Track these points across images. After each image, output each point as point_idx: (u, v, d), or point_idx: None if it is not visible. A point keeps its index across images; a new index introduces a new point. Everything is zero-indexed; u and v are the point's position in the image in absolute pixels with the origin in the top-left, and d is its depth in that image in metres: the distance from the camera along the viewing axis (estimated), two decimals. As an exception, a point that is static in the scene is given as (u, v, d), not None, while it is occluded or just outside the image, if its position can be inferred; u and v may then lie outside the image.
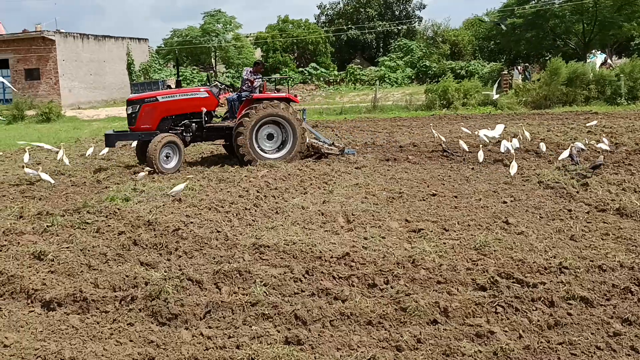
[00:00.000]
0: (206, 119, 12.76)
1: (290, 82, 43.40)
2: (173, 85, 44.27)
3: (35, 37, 40.35)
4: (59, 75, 39.81)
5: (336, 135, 18.03)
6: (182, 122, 12.62)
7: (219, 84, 13.63)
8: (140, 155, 12.77)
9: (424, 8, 71.84)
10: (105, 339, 4.36)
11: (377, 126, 20.65)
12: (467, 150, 12.90)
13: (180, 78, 17.98)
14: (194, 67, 49.11)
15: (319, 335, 4.25)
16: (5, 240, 7.05)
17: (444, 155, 13.00)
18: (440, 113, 25.26)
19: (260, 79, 13.18)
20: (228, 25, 45.96)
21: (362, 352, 4.02)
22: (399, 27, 52.91)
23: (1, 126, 29.12)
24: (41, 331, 4.58)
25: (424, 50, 44.24)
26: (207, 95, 12.80)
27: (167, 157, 11.95)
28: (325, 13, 57.15)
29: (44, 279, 5.60)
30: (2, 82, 30.67)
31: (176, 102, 12.51)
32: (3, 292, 5.47)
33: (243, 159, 12.36)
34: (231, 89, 14.13)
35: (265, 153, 12.53)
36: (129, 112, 12.44)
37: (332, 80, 43.89)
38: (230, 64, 47.43)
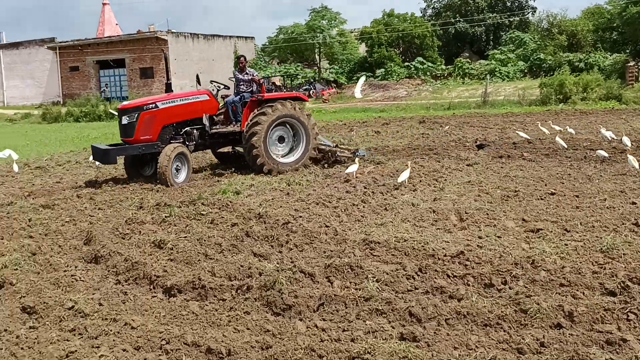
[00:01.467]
0: (207, 124, 11.77)
1: (395, 76, 43.26)
2: (278, 83, 45.58)
3: (150, 37, 43.01)
4: (170, 73, 42.10)
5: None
6: (184, 130, 11.57)
7: (216, 85, 12.54)
8: (130, 170, 11.56)
9: (538, -3, 68.78)
10: (224, 325, 4.58)
11: (487, 122, 20.07)
12: (566, 147, 12.72)
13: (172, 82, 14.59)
14: (298, 63, 50.10)
15: (434, 333, 4.21)
16: (128, 229, 7.61)
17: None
18: (557, 108, 24.09)
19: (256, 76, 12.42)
20: (333, 21, 46.41)
21: (481, 352, 3.93)
22: (511, 19, 50.97)
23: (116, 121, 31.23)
24: (164, 315, 4.89)
25: (538, 43, 42.32)
26: (208, 97, 11.87)
27: (177, 170, 10.85)
28: (432, 6, 56.26)
29: (164, 266, 5.98)
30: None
31: (177, 107, 11.33)
32: (128, 278, 5.90)
33: (258, 168, 11.43)
34: (227, 89, 12.87)
35: (278, 158, 11.73)
36: (125, 122, 10.98)
37: (439, 75, 43.15)
38: (335, 59, 47.91)
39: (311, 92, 40.28)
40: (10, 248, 6.67)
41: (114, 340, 4.34)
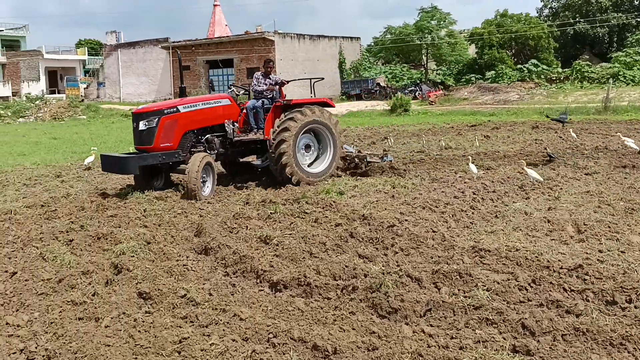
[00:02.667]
0: (230, 130, 10.81)
1: (507, 79, 41.87)
2: (382, 84, 45.66)
3: (257, 38, 44.41)
4: (276, 73, 43.28)
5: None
6: (205, 137, 10.69)
7: (235, 89, 11.82)
8: (141, 181, 10.26)
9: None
10: (330, 324, 4.66)
11: (609, 129, 18.93)
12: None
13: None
14: (404, 64, 49.80)
15: (550, 348, 4.05)
16: (236, 224, 7.91)
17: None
18: (691, 116, 22.29)
19: (277, 81, 11.43)
20: (443, 22, 45.73)
21: (602, 373, 3.74)
22: (639, 19, 47.79)
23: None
24: (271, 309, 5.05)
25: (669, 44, 39.45)
26: (230, 103, 10.97)
27: (202, 181, 9.81)
28: (549, 6, 54.06)
29: (270, 262, 6.16)
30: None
31: (199, 112, 10.42)
32: (236, 270, 6.14)
33: (286, 178, 10.61)
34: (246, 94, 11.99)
35: (305, 168, 10.97)
36: (142, 127, 9.93)
37: (554, 78, 41.30)
38: (442, 60, 47.17)
39: (417, 93, 39.91)
40: (127, 236, 7.15)
41: (223, 330, 4.54)
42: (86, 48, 70.04)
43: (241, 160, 11.82)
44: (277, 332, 4.40)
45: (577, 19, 48.44)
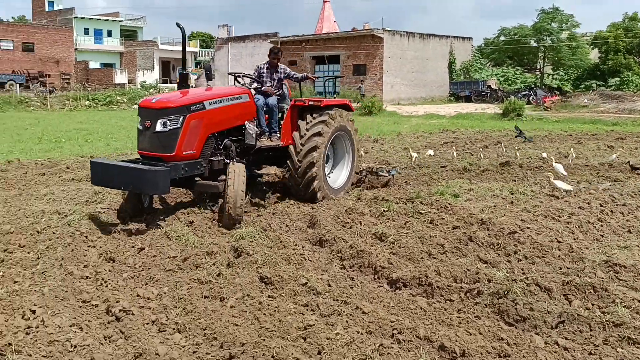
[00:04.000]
0: (253, 134, 8.55)
1: (632, 87, 39.39)
2: (494, 86, 44.40)
3: (366, 35, 44.52)
4: (383, 71, 43.23)
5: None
6: (223, 143, 8.41)
7: (243, 80, 9.34)
8: (133, 200, 8.09)
9: None
10: (455, 326, 4.58)
11: None
12: None
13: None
14: (517, 67, 48.16)
15: None
16: (349, 219, 7.97)
17: None
18: None
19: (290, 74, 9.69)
20: (564, 24, 43.74)
21: None
22: None
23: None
24: (392, 306, 5.04)
25: None
26: (249, 99, 8.67)
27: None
28: (687, 8, 50.19)
29: (389, 259, 6.16)
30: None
31: (223, 110, 8.18)
32: (352, 264, 6.19)
33: (310, 194, 8.90)
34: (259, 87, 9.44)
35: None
36: (160, 128, 7.41)
37: (692, 88, 38.41)
38: (560, 65, 45.14)
39: (531, 98, 38.45)
40: (246, 222, 7.40)
41: (346, 322, 4.58)
42: (198, 40, 73.20)
43: (258, 172, 9.17)
44: (401, 328, 4.39)
45: None
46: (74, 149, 16.83)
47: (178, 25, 7.69)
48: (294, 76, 9.77)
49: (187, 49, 62.87)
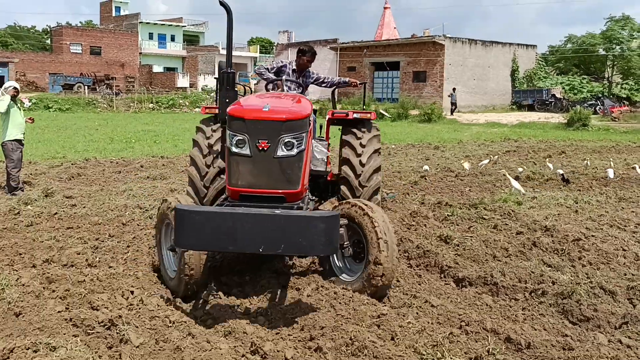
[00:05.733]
0: (321, 160, 6.60)
1: None
2: (559, 95, 43.66)
3: (426, 42, 44.57)
4: (443, 78, 43.18)
5: None
6: None
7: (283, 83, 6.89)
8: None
9: None
10: (520, 322, 4.89)
11: None
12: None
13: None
14: (584, 76, 47.20)
15: None
16: (414, 221, 8.32)
17: None
18: None
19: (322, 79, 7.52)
20: (635, 33, 42.66)
21: None
22: None
23: (387, 122, 33.13)
24: (459, 302, 5.38)
25: None
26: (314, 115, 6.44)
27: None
28: None
29: (454, 259, 6.49)
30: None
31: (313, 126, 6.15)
32: (419, 263, 6.55)
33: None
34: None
35: None
36: (283, 152, 5.14)
37: None
38: (630, 74, 44.00)
39: (597, 108, 37.69)
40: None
41: (417, 313, 4.96)
42: (258, 46, 74.72)
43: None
44: (469, 321, 4.72)
45: None
46: (144, 150, 17.77)
47: (222, 3, 5.52)
48: (329, 80, 7.52)
49: (247, 54, 63.94)
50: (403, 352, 4.16)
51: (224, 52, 53.51)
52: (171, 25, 72.06)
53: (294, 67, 7.21)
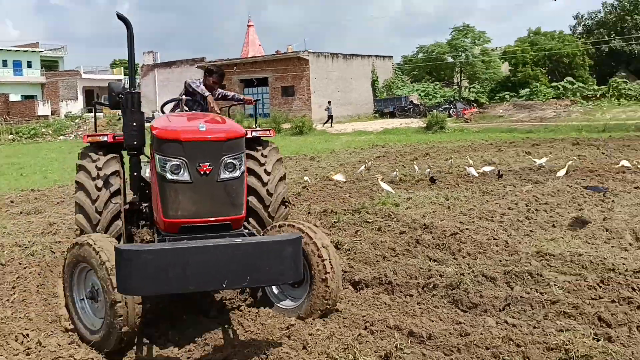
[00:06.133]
0: None
1: (541, 96, 42.02)
2: (416, 102, 46.17)
3: (292, 57, 45.35)
4: (310, 92, 44.13)
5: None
6: None
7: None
8: None
9: None
10: (418, 315, 5.14)
11: (651, 146, 19.10)
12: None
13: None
14: (436, 82, 50.26)
15: (629, 336, 4.46)
16: (303, 231, 8.44)
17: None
18: None
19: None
20: (477, 40, 46.20)
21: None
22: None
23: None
24: (360, 304, 5.56)
25: None
26: None
27: None
28: (583, 23, 54.07)
29: (348, 264, 6.69)
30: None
31: None
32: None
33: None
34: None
35: None
36: (226, 175, 4.81)
37: (590, 96, 41.36)
38: (475, 78, 47.53)
39: (451, 111, 40.30)
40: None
41: (323, 320, 5.04)
42: (122, 68, 71.99)
43: None
44: (372, 321, 4.90)
45: (613, 37, 48.42)
46: (10, 184, 16.50)
47: (120, 17, 4.98)
48: (234, 97, 7.37)
49: (111, 76, 61.11)
50: (317, 359, 4.24)
51: (87, 76, 50.72)
52: (27, 51, 67.50)
53: (201, 86, 6.70)
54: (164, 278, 3.90)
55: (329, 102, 41.51)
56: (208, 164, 4.60)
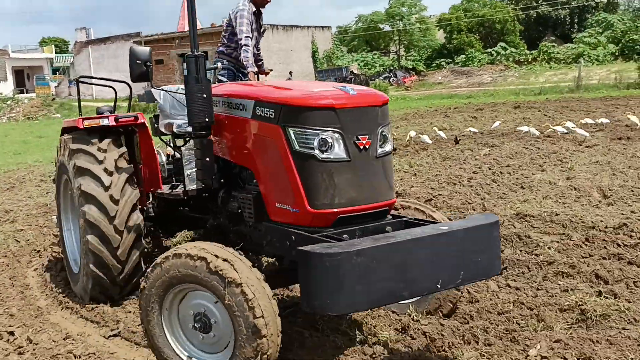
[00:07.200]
0: None
1: (477, 62, 42.76)
2: (356, 71, 46.06)
3: (229, 30, 44.22)
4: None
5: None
6: None
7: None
8: None
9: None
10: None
11: (588, 106, 19.68)
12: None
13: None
14: (375, 51, 50.31)
15: (630, 292, 4.48)
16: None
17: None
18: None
19: None
20: (413, 8, 46.36)
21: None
22: (597, 1, 49.29)
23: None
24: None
25: (627, 24, 40.88)
26: None
27: None
28: (513, -11, 55.10)
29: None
30: None
31: None
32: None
33: None
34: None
35: None
36: (387, 148, 3.79)
37: (522, 60, 42.41)
38: (413, 46, 47.84)
39: (392, 79, 40.46)
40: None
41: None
42: (52, 46, 68.58)
43: None
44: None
45: (540, 2, 49.61)
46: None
47: None
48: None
49: (41, 55, 58.18)
50: (330, 336, 4.06)
51: (15, 55, 47.92)
52: (-53, 30, 63.20)
53: (253, 9, 5.80)
54: (379, 287, 2.96)
55: (290, 73, 40.83)
56: (367, 136, 3.58)
